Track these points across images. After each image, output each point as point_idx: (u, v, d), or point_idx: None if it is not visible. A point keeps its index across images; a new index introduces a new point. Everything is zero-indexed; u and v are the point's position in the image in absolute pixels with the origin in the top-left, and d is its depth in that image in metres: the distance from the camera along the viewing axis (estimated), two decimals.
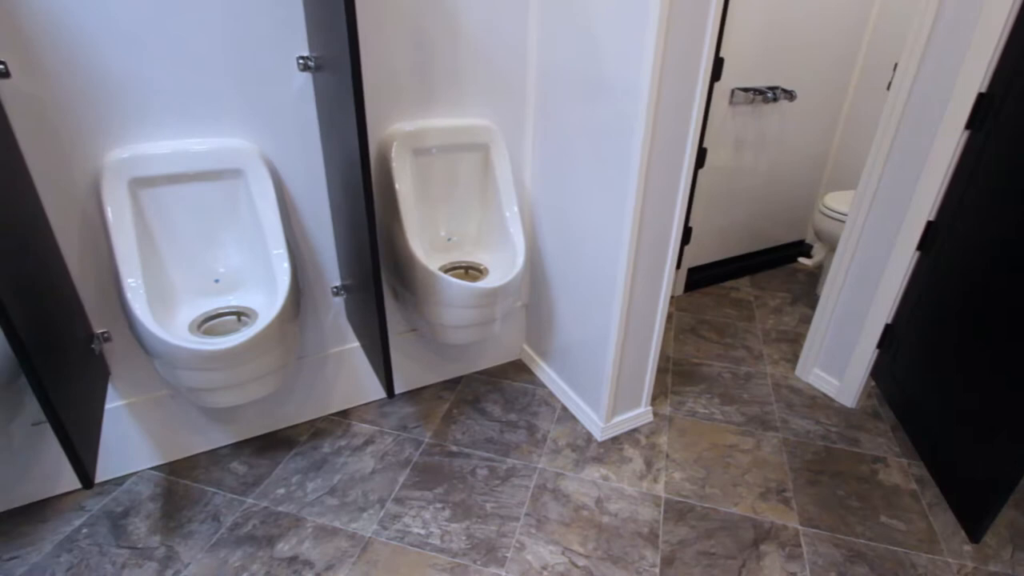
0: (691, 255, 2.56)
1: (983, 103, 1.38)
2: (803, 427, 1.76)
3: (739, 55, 2.20)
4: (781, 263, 2.95)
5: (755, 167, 2.57)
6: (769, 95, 2.33)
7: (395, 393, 1.70)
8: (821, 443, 1.70)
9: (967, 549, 1.36)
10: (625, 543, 1.35)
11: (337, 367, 1.71)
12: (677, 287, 2.59)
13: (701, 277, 2.65)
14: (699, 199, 2.41)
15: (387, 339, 1.24)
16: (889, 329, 1.71)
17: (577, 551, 1.33)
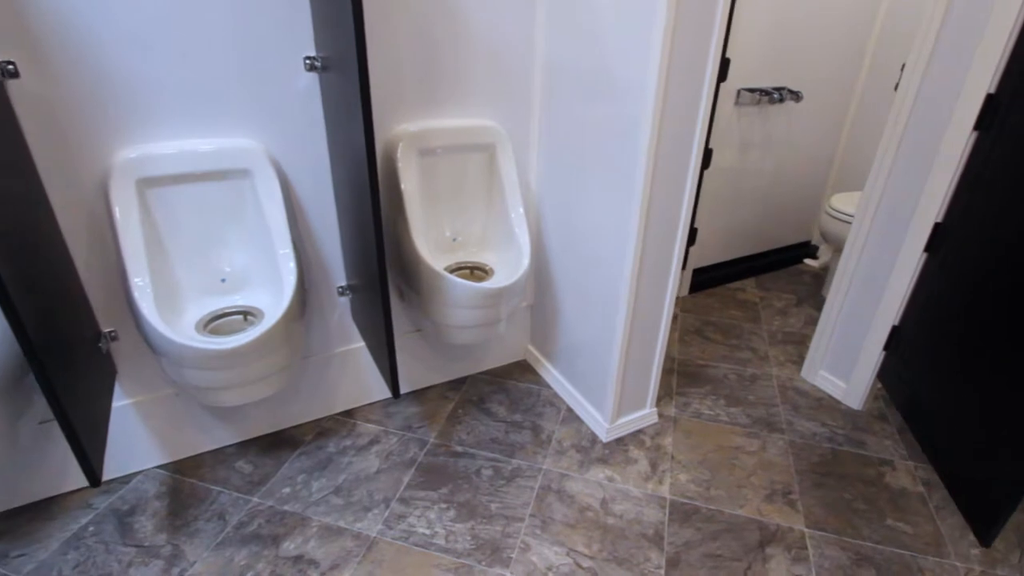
0: (696, 256, 2.55)
1: (992, 104, 1.37)
2: (809, 429, 1.75)
3: (745, 55, 2.20)
4: (786, 264, 2.94)
5: (761, 168, 2.57)
6: (775, 96, 2.32)
7: (400, 393, 1.70)
8: (827, 445, 1.69)
9: (975, 553, 1.35)
10: (630, 544, 1.35)
11: (342, 367, 1.71)
12: (682, 288, 2.58)
13: (706, 278, 2.64)
14: (704, 200, 2.40)
15: (392, 339, 1.24)
16: (896, 331, 1.70)
17: (582, 552, 1.33)
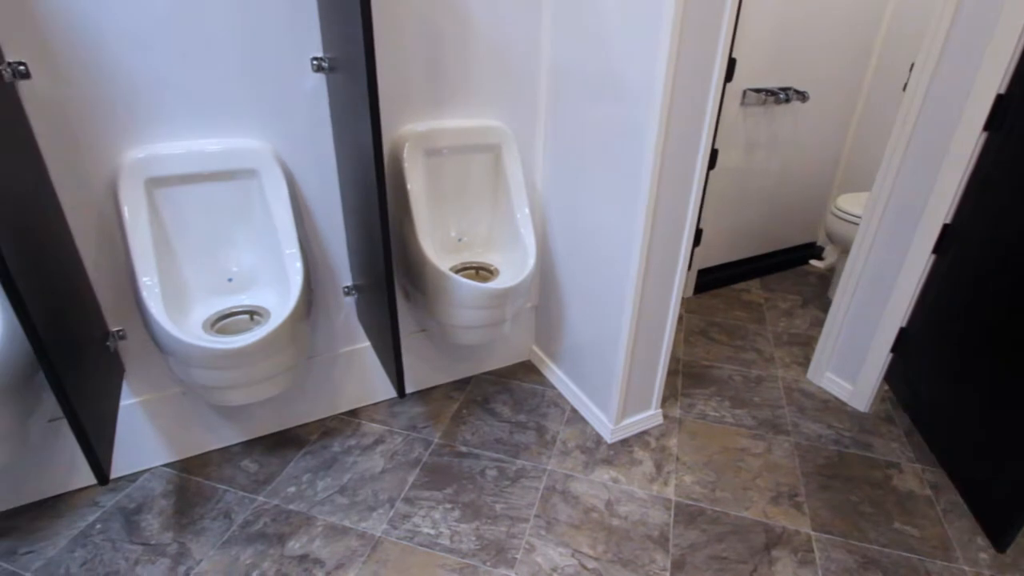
0: (701, 257, 2.54)
1: (1001, 104, 1.36)
2: (815, 431, 1.74)
3: (751, 56, 2.19)
4: (792, 265, 2.92)
5: (766, 168, 2.56)
6: (781, 96, 2.31)
7: (405, 393, 1.70)
8: (833, 447, 1.68)
9: (983, 557, 1.34)
10: (635, 546, 1.35)
11: (347, 367, 1.72)
12: (687, 289, 2.57)
13: (711, 279, 2.63)
14: (710, 200, 2.39)
15: (399, 339, 1.24)
16: (904, 333, 1.69)
17: (587, 553, 1.32)
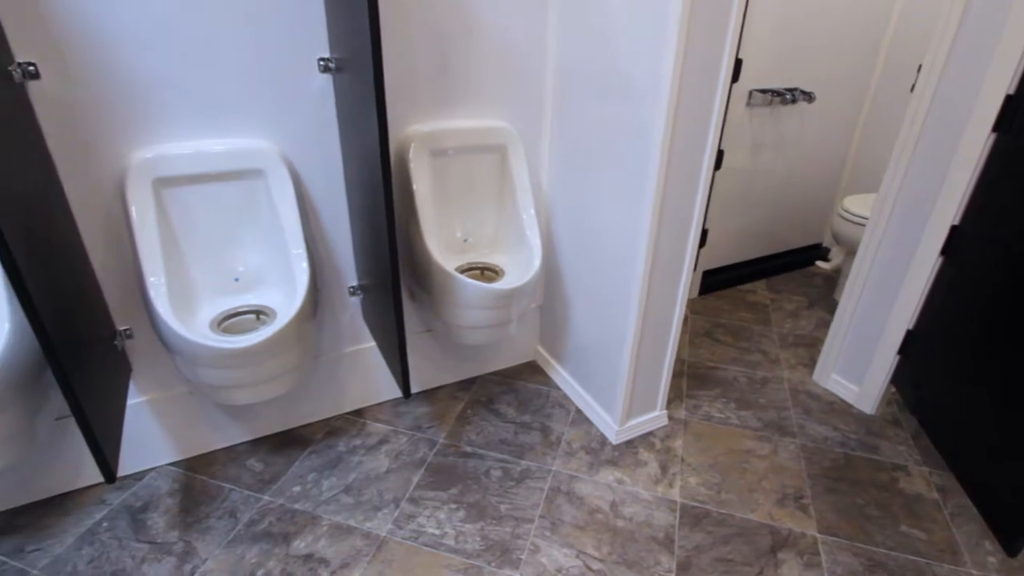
0: (706, 257, 2.54)
1: (1011, 105, 1.35)
2: (821, 433, 1.74)
3: (757, 56, 2.18)
4: (797, 266, 2.91)
5: (772, 169, 2.55)
6: (788, 97, 2.30)
7: (411, 393, 1.71)
8: (840, 450, 1.67)
9: (991, 561, 1.33)
10: (640, 548, 1.34)
11: (352, 366, 1.72)
12: (692, 290, 2.57)
13: (716, 280, 2.62)
14: (715, 201, 2.39)
15: (404, 339, 1.24)
16: (911, 335, 1.68)
17: (592, 555, 1.32)
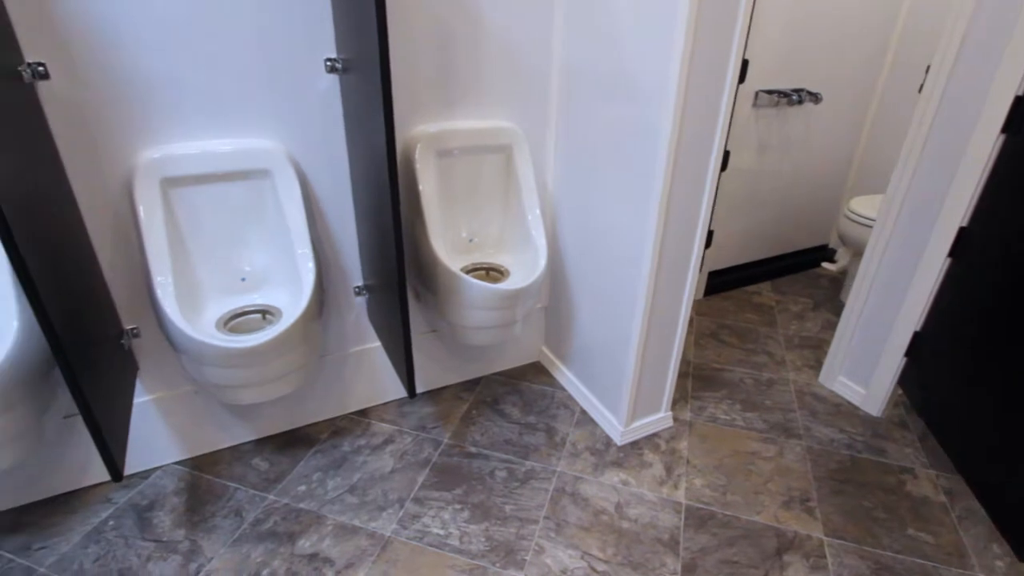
0: (712, 258, 2.53)
1: (1020, 107, 1.34)
2: (827, 435, 1.73)
3: (763, 57, 2.18)
4: (803, 268, 2.90)
5: (778, 170, 2.54)
6: (794, 98, 2.29)
7: (416, 393, 1.71)
8: (846, 452, 1.66)
9: (999, 565, 1.32)
10: (645, 549, 1.34)
11: (357, 366, 1.72)
12: (697, 291, 2.56)
13: (722, 281, 2.61)
14: (721, 202, 2.38)
15: (410, 340, 1.24)
16: (918, 337, 1.67)
17: (596, 556, 1.32)
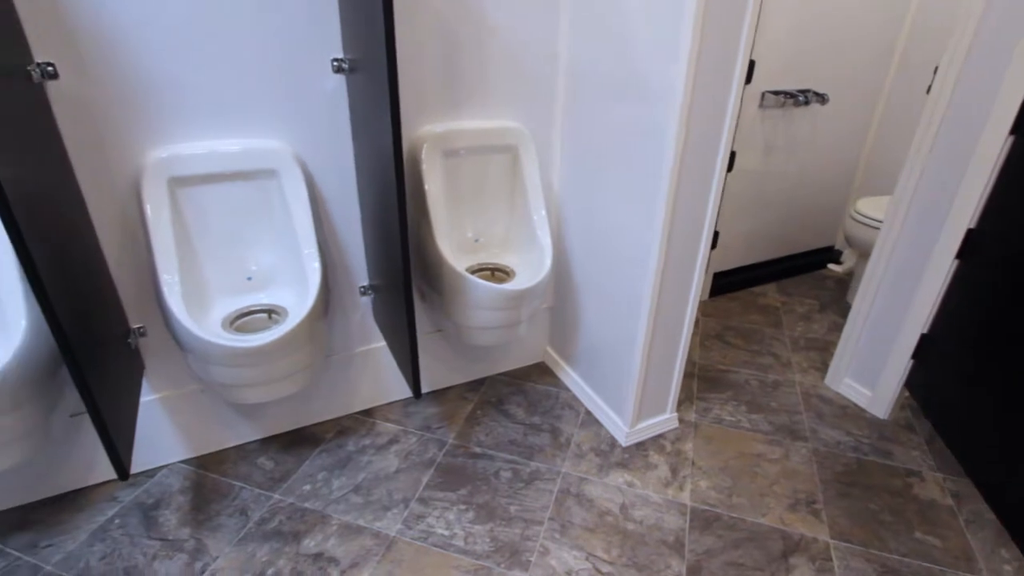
0: (717, 259, 2.52)
1: None
2: (833, 438, 1.72)
3: (769, 57, 2.17)
4: (809, 269, 2.89)
5: (784, 171, 2.53)
6: (800, 99, 2.28)
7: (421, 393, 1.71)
8: (852, 455, 1.65)
9: (1007, 569, 1.31)
10: (650, 551, 1.33)
11: (362, 366, 1.72)
12: (702, 292, 2.54)
13: (727, 282, 2.61)
14: (726, 203, 2.37)
15: (415, 340, 1.24)
16: (925, 339, 1.66)
17: (601, 557, 1.32)
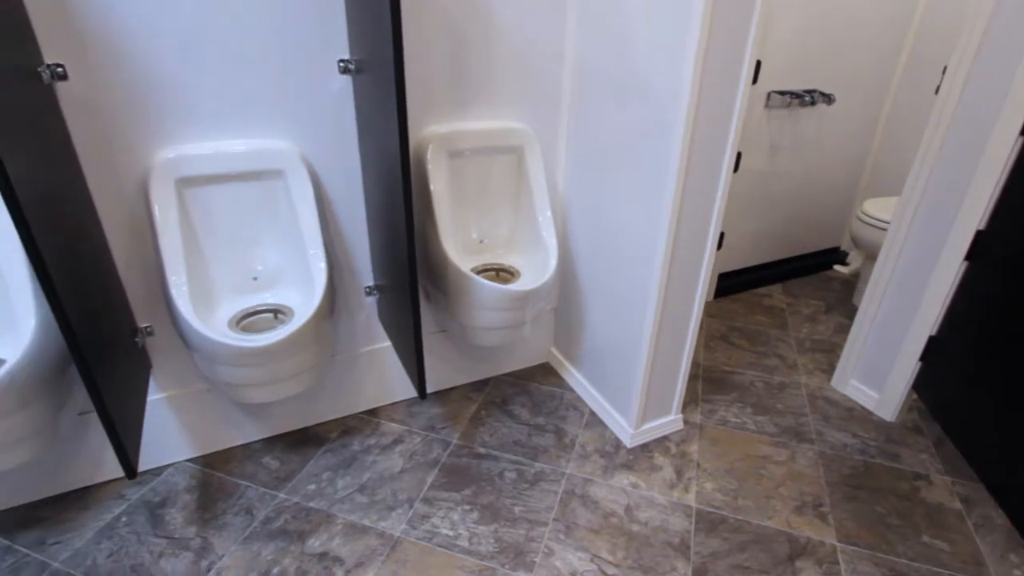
0: (722, 260, 2.51)
1: None
2: (840, 440, 1.71)
3: (775, 57, 2.16)
4: (815, 270, 2.87)
5: (790, 171, 2.52)
6: (807, 99, 2.27)
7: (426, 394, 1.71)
8: (859, 457, 1.64)
9: (1017, 574, 1.30)
10: (655, 553, 1.33)
11: (367, 366, 1.72)
12: (707, 293, 2.54)
13: (732, 283, 2.60)
14: (732, 203, 2.36)
15: (421, 340, 1.24)
16: (933, 341, 1.65)
17: (606, 559, 1.31)
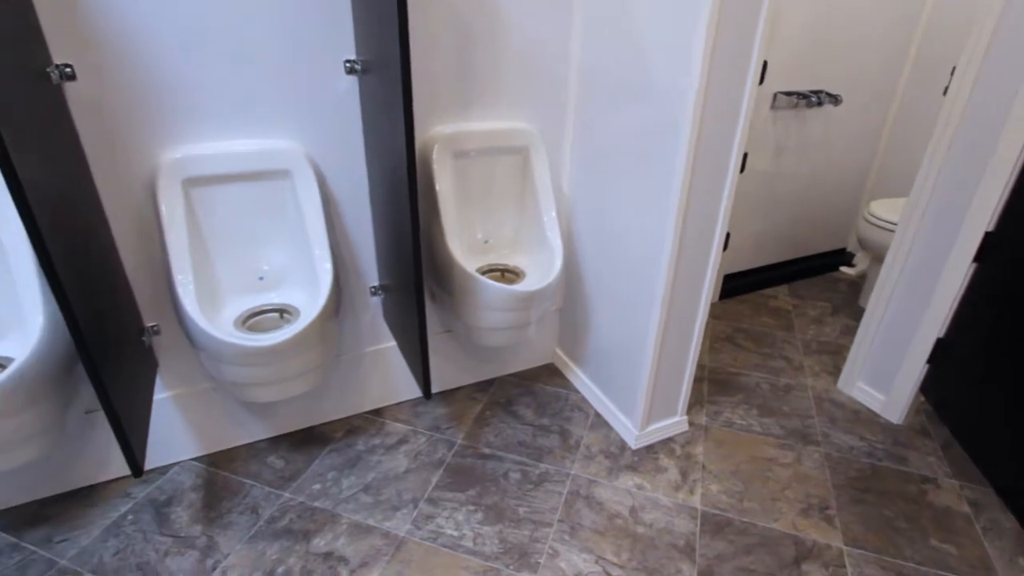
0: (727, 261, 2.50)
1: None
2: (846, 442, 1.70)
3: (782, 57, 2.15)
4: (821, 271, 2.86)
5: (796, 172, 2.51)
6: (813, 99, 2.26)
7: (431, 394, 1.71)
8: (866, 460, 1.63)
9: None
10: (660, 555, 1.33)
11: (372, 366, 1.73)
12: (712, 294, 2.53)
13: (737, 284, 2.59)
14: (737, 204, 2.35)
15: (426, 340, 1.24)
16: (941, 343, 1.63)
17: (611, 560, 1.31)
